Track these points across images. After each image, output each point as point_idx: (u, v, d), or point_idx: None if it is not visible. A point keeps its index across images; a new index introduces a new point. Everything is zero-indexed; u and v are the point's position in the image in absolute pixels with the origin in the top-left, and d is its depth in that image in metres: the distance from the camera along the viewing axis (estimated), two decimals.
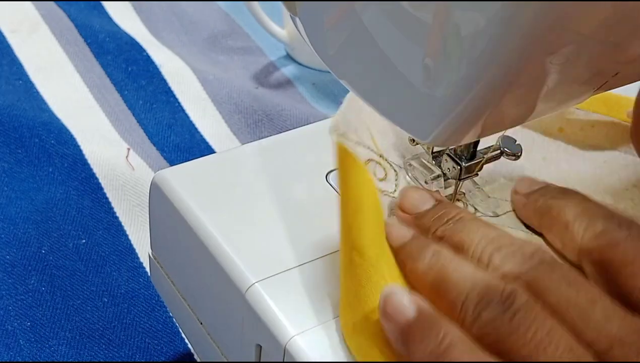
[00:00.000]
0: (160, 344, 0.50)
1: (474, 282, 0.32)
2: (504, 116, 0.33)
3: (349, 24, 0.32)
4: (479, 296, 0.32)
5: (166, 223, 0.41)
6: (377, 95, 0.33)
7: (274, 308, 0.34)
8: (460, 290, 0.32)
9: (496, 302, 0.31)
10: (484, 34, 0.27)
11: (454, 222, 0.35)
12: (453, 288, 0.32)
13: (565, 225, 0.36)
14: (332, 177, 0.41)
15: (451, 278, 0.33)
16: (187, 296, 0.41)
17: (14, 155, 0.62)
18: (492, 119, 0.32)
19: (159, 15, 0.79)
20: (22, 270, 0.53)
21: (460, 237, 0.35)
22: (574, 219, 0.36)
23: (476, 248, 0.34)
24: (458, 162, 0.38)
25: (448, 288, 0.32)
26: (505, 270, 0.33)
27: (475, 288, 0.32)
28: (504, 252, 0.33)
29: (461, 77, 0.29)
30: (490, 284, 0.32)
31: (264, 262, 0.36)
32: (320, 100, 0.71)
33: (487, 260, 0.34)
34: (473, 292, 0.32)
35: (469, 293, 0.32)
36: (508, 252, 0.33)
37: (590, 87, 0.33)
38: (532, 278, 0.32)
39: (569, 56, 0.29)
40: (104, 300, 0.52)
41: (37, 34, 0.74)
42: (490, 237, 0.34)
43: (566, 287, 0.32)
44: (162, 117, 0.67)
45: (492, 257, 0.34)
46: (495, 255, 0.34)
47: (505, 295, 0.31)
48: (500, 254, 0.33)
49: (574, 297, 0.32)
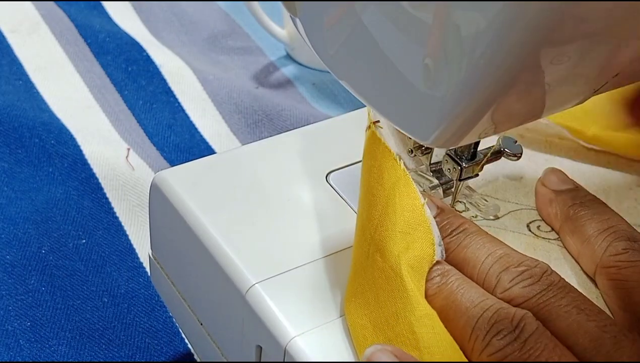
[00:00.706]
0: (160, 344, 0.50)
1: (483, 308, 0.32)
2: (504, 117, 0.33)
3: (349, 25, 0.32)
4: (489, 323, 0.31)
5: (166, 224, 0.41)
6: (377, 96, 0.33)
7: (274, 309, 0.34)
8: (470, 317, 0.32)
9: (506, 329, 0.31)
10: (484, 34, 0.27)
11: (457, 233, 0.35)
12: (463, 315, 0.32)
13: (588, 237, 0.36)
14: (332, 177, 0.41)
15: (460, 305, 0.32)
16: (187, 297, 0.41)
17: (14, 155, 0.62)
18: (492, 119, 0.32)
19: (159, 15, 0.79)
20: (22, 270, 0.53)
21: (466, 254, 0.35)
22: (598, 234, 0.36)
23: (483, 267, 0.34)
24: (458, 162, 0.38)
25: (457, 314, 0.32)
26: (514, 293, 0.33)
27: (485, 315, 0.32)
28: (512, 273, 0.33)
29: (461, 77, 0.29)
30: (499, 310, 0.32)
31: (264, 263, 0.36)
32: (320, 100, 0.71)
33: (494, 281, 0.33)
34: (483, 319, 0.32)
35: (479, 320, 0.32)
36: (516, 273, 0.33)
37: (591, 87, 0.33)
38: (542, 302, 0.32)
39: (569, 57, 0.29)
40: (104, 300, 0.52)
41: (37, 33, 0.74)
42: (497, 255, 0.34)
43: (576, 313, 0.32)
44: (162, 117, 0.67)
45: (500, 279, 0.33)
46: (503, 277, 0.33)
47: (515, 322, 0.31)
48: (508, 275, 0.33)
49: (584, 324, 0.32)
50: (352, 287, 0.35)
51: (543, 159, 0.43)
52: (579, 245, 0.37)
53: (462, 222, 0.36)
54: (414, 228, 0.34)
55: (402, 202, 0.34)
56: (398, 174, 0.35)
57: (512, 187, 0.41)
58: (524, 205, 0.40)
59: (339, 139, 0.44)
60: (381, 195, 0.35)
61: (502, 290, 0.33)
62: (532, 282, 0.33)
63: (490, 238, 0.35)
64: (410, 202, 0.34)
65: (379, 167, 0.35)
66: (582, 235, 0.37)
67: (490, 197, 0.41)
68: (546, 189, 0.39)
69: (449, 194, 0.40)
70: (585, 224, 0.37)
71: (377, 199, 0.35)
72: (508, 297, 0.33)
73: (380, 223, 0.34)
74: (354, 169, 0.42)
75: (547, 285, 0.33)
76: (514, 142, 0.40)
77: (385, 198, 0.35)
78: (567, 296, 0.32)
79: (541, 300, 0.32)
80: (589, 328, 0.32)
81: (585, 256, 0.37)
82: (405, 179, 0.35)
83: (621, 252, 0.35)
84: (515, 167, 0.42)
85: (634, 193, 0.41)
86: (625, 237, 0.35)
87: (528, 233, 0.39)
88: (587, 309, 0.32)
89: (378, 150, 0.36)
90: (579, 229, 0.37)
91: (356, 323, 0.34)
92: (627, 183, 0.42)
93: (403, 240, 0.33)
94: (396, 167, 0.35)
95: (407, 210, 0.34)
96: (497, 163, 0.42)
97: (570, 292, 0.33)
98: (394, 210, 0.34)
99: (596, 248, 0.36)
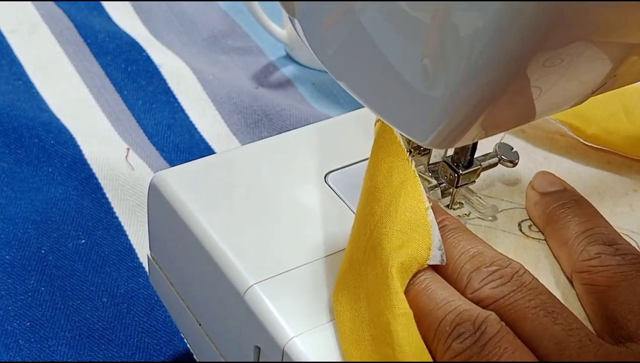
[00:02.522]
0: (160, 344, 0.50)
1: (446, 310, 0.32)
2: (503, 117, 0.33)
3: (347, 25, 0.32)
4: (451, 326, 0.31)
5: (165, 224, 0.41)
6: (375, 97, 0.33)
7: (272, 309, 0.34)
8: (434, 319, 0.32)
9: (468, 332, 0.31)
10: (482, 35, 0.27)
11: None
12: (427, 316, 0.32)
13: (566, 240, 0.36)
14: (331, 178, 0.41)
15: (425, 306, 0.32)
16: (185, 297, 0.41)
17: (13, 155, 0.62)
18: (491, 120, 0.32)
19: (159, 15, 0.79)
20: (22, 270, 0.53)
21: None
22: (575, 237, 0.36)
23: (455, 266, 0.34)
24: (455, 169, 0.38)
25: (422, 315, 0.32)
26: (483, 294, 0.33)
27: (447, 317, 0.32)
28: (483, 273, 0.33)
29: (460, 77, 0.29)
30: (462, 313, 0.32)
31: (262, 264, 0.36)
32: (320, 100, 0.71)
33: (465, 281, 0.33)
34: (446, 321, 0.32)
35: (442, 323, 0.32)
36: (487, 273, 0.33)
37: (589, 88, 0.33)
38: (510, 304, 0.32)
39: (567, 57, 0.29)
40: (103, 300, 0.52)
41: (37, 34, 0.74)
42: (470, 254, 0.34)
43: (543, 315, 0.32)
44: (162, 117, 0.67)
45: (471, 279, 0.33)
46: (474, 277, 0.33)
47: (477, 324, 0.31)
48: (478, 275, 0.33)
49: (550, 327, 0.32)
50: (344, 279, 0.35)
51: (542, 156, 0.43)
52: (557, 248, 0.37)
53: (443, 219, 0.36)
54: (414, 229, 0.34)
55: (406, 202, 0.34)
56: (407, 174, 0.35)
57: (507, 186, 0.41)
58: (517, 204, 0.40)
59: (338, 139, 0.44)
60: (387, 192, 0.35)
61: (471, 291, 0.33)
62: (502, 282, 0.33)
63: (467, 236, 0.35)
64: (414, 203, 0.34)
65: (389, 164, 0.35)
66: (561, 237, 0.36)
67: (485, 196, 0.41)
68: (533, 191, 0.39)
69: (448, 195, 0.40)
70: (564, 226, 0.37)
71: (382, 196, 0.35)
72: (477, 297, 0.33)
73: (381, 220, 0.34)
74: (352, 169, 0.42)
75: (517, 286, 0.33)
76: (510, 149, 0.40)
77: (390, 196, 0.35)
78: (537, 298, 0.32)
79: (509, 301, 0.32)
80: (555, 331, 0.31)
81: (563, 259, 0.36)
82: (413, 181, 0.35)
83: (593, 256, 0.35)
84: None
85: (629, 199, 0.41)
86: (601, 241, 0.35)
87: (519, 233, 0.39)
88: (554, 312, 0.32)
89: (391, 147, 0.36)
90: (558, 231, 0.37)
91: (344, 316, 0.34)
92: (624, 187, 0.42)
93: (399, 239, 0.33)
94: (407, 167, 0.35)
95: (409, 211, 0.34)
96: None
97: (541, 294, 0.33)
98: (396, 209, 0.34)
99: (572, 251, 0.36)
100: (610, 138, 0.43)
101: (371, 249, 0.34)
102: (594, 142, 0.43)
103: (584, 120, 0.43)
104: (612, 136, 0.43)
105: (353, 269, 0.35)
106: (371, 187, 0.35)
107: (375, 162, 0.36)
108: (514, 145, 0.40)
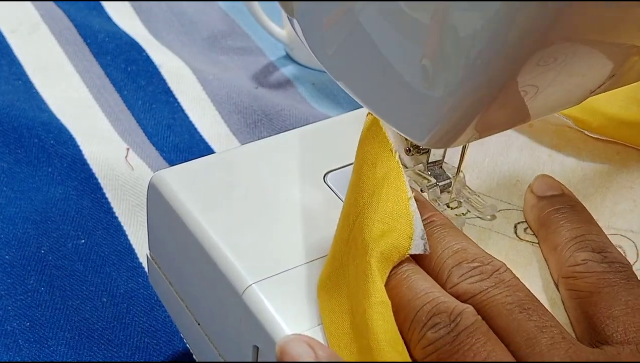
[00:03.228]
0: (159, 344, 0.50)
1: (424, 300, 0.32)
2: (502, 117, 0.33)
3: (346, 25, 0.32)
4: (427, 316, 0.32)
5: (164, 224, 0.41)
6: (374, 97, 0.33)
7: (271, 309, 0.34)
8: (411, 308, 0.32)
9: (443, 323, 0.31)
10: (481, 35, 0.27)
11: (423, 224, 0.35)
12: (405, 306, 0.32)
13: (556, 245, 0.36)
14: (330, 178, 0.41)
15: (404, 296, 0.33)
16: (184, 297, 0.41)
17: (13, 155, 0.62)
18: (490, 119, 0.32)
19: (159, 15, 0.79)
20: (22, 270, 0.53)
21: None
22: (565, 243, 0.36)
23: (437, 260, 0.34)
24: None
25: (400, 305, 0.32)
26: (461, 289, 0.33)
27: (425, 307, 0.32)
28: (464, 269, 0.33)
29: (459, 77, 0.29)
30: (440, 304, 0.32)
31: (261, 263, 0.36)
32: (320, 100, 0.71)
33: (446, 275, 0.34)
34: (422, 311, 0.32)
35: (419, 312, 0.32)
36: (467, 268, 0.33)
37: (588, 88, 0.33)
38: (487, 299, 0.32)
39: (566, 57, 0.29)
40: (103, 300, 0.52)
41: (37, 34, 0.74)
42: (453, 250, 0.34)
43: (518, 312, 0.32)
44: (162, 117, 0.67)
45: (451, 273, 0.33)
46: (454, 271, 0.33)
47: (453, 316, 0.31)
48: (459, 270, 0.33)
49: (524, 323, 0.32)
50: (327, 270, 0.35)
51: (547, 154, 0.43)
52: (548, 253, 0.37)
53: (431, 214, 0.36)
54: (395, 219, 0.34)
55: (389, 193, 0.35)
56: (391, 165, 0.35)
57: (507, 187, 0.41)
58: (515, 206, 0.40)
59: (337, 139, 0.44)
60: (370, 183, 0.35)
61: (451, 285, 0.33)
62: (482, 278, 0.33)
63: (453, 232, 0.35)
64: (397, 194, 0.35)
65: (374, 156, 0.36)
66: (552, 242, 0.37)
67: (484, 196, 0.41)
68: (531, 194, 0.39)
69: (446, 193, 0.40)
70: (555, 231, 0.37)
71: (365, 186, 0.35)
72: (456, 292, 0.33)
73: (363, 210, 0.34)
74: (351, 169, 0.42)
75: (495, 282, 0.33)
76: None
77: (373, 186, 0.35)
78: (514, 295, 0.33)
79: (486, 297, 0.32)
80: (528, 327, 0.32)
81: (552, 264, 0.37)
82: (396, 171, 0.35)
83: (580, 262, 0.35)
84: (515, 165, 0.42)
85: (634, 193, 0.41)
86: (590, 248, 0.35)
87: (513, 236, 0.39)
88: (530, 309, 0.32)
89: (376, 139, 0.36)
90: (550, 236, 0.37)
91: (326, 307, 0.34)
92: (630, 179, 0.41)
93: (379, 229, 0.34)
94: (390, 158, 0.35)
95: (391, 201, 0.34)
96: (495, 162, 0.42)
97: (518, 291, 0.33)
98: (378, 199, 0.34)
99: (561, 256, 0.36)
100: (620, 129, 0.42)
101: (352, 240, 0.34)
102: (600, 133, 0.42)
103: (590, 112, 0.42)
104: (621, 127, 0.42)
105: (335, 259, 0.35)
106: (356, 179, 0.36)
107: (361, 154, 0.36)
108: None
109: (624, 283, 0.34)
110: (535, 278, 0.36)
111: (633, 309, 0.33)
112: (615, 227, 0.38)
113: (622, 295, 0.33)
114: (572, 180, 0.41)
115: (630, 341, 0.32)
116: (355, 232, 0.34)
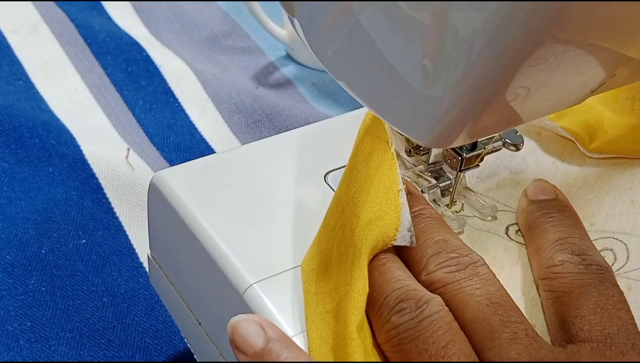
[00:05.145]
0: (160, 344, 0.50)
1: (395, 286, 0.32)
2: (502, 116, 0.33)
3: (347, 25, 0.32)
4: (394, 301, 0.32)
5: (165, 224, 0.41)
6: (375, 96, 0.33)
7: (271, 309, 0.34)
8: (381, 293, 0.32)
9: (409, 309, 0.31)
10: (481, 34, 0.27)
11: (413, 216, 0.36)
12: (376, 289, 0.33)
13: (539, 248, 0.36)
14: (331, 177, 0.41)
15: (377, 280, 0.33)
16: (185, 297, 0.41)
17: (14, 155, 0.62)
18: (490, 119, 0.32)
19: (159, 15, 0.79)
20: (22, 270, 0.53)
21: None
22: (548, 245, 0.36)
23: (419, 248, 0.34)
24: (459, 153, 0.38)
25: (372, 288, 0.33)
26: (435, 277, 0.33)
27: (394, 292, 0.32)
28: (442, 258, 0.34)
29: (459, 77, 0.29)
30: (408, 292, 0.32)
31: (262, 263, 0.36)
32: (320, 100, 0.71)
33: (424, 262, 0.34)
34: (391, 296, 0.32)
35: (387, 297, 0.32)
36: (445, 258, 0.34)
37: (588, 88, 0.33)
38: (457, 289, 0.33)
39: (567, 57, 0.29)
40: (103, 300, 0.52)
41: (37, 34, 0.74)
42: (434, 240, 0.35)
43: (486, 304, 0.32)
44: (162, 117, 0.67)
45: (428, 261, 0.34)
46: (432, 259, 0.34)
47: (420, 303, 0.32)
48: (437, 259, 0.34)
49: (489, 316, 0.32)
50: (313, 252, 0.35)
51: (550, 162, 0.43)
52: (531, 255, 0.37)
53: (421, 207, 0.36)
54: (384, 210, 0.34)
55: (380, 183, 0.35)
56: (386, 156, 0.35)
57: (506, 189, 0.41)
58: (511, 208, 0.40)
59: (338, 138, 0.44)
60: (363, 173, 0.35)
61: (426, 273, 0.34)
62: (457, 269, 0.33)
63: (439, 224, 0.35)
64: (388, 185, 0.35)
65: (370, 146, 0.36)
66: (535, 245, 0.37)
67: (483, 196, 0.41)
68: (524, 198, 0.39)
69: (447, 194, 0.40)
70: (540, 234, 0.37)
71: (358, 176, 0.35)
72: (430, 280, 0.33)
73: (353, 199, 0.35)
74: None
75: (470, 274, 0.33)
76: (515, 133, 0.39)
77: (365, 176, 0.35)
78: (484, 288, 0.33)
79: (457, 287, 0.33)
80: (492, 320, 0.32)
81: (534, 266, 0.37)
82: (390, 163, 0.35)
83: (557, 264, 0.35)
84: (518, 169, 0.42)
85: (633, 194, 0.41)
86: (570, 250, 0.35)
87: (503, 236, 0.39)
88: (498, 303, 0.32)
89: (375, 130, 0.36)
90: (535, 239, 0.37)
91: (309, 290, 0.34)
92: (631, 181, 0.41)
93: (367, 218, 0.34)
94: (386, 150, 0.35)
95: (381, 191, 0.35)
96: (499, 163, 0.42)
97: (490, 285, 0.33)
98: (369, 189, 0.35)
99: (542, 258, 0.36)
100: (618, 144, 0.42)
101: (340, 226, 0.34)
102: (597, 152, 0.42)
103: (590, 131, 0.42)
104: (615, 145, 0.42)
105: (321, 243, 0.35)
106: (350, 168, 0.36)
107: (358, 144, 0.36)
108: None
109: (597, 284, 0.34)
110: (519, 278, 0.37)
111: (602, 309, 0.33)
112: (609, 229, 0.38)
113: (594, 296, 0.33)
114: (574, 187, 0.41)
115: (592, 339, 0.32)
116: (344, 219, 0.34)
